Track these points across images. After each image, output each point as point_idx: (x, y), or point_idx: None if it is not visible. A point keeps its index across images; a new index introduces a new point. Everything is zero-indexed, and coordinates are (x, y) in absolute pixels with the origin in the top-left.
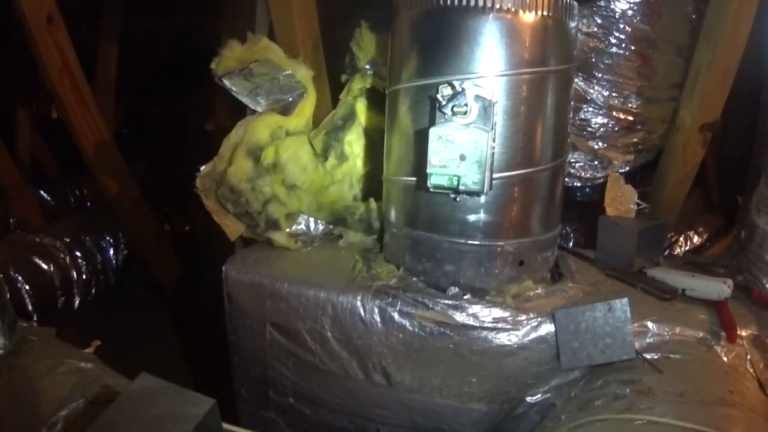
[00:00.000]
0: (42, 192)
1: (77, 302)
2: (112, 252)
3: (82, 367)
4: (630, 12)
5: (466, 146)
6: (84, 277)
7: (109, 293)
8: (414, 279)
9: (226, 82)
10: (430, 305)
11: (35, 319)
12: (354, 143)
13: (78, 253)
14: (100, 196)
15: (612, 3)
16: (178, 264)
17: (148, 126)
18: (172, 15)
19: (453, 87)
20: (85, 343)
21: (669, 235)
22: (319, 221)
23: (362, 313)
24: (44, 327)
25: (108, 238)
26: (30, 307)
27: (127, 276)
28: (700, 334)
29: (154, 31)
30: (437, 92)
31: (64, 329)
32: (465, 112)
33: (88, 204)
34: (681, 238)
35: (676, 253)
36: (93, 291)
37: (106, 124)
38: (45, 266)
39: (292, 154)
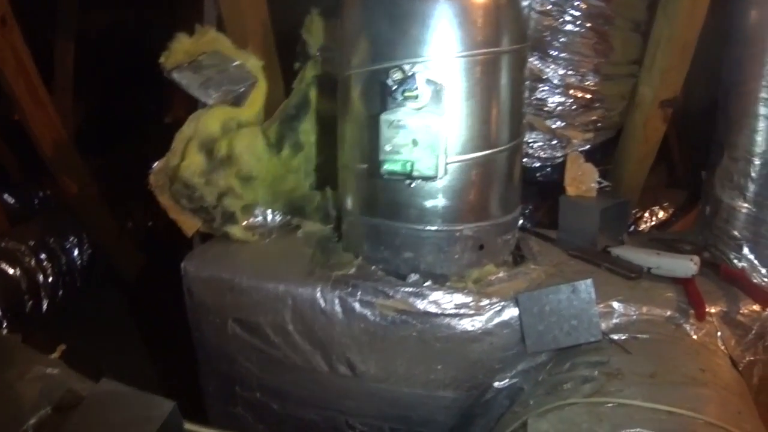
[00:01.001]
0: (5, 195)
1: (45, 305)
2: (76, 252)
3: (49, 372)
4: None
5: (418, 131)
6: (50, 279)
7: (76, 294)
8: (373, 267)
9: (176, 76)
10: (391, 294)
11: (5, 325)
12: (309, 132)
13: (43, 256)
14: (62, 196)
15: None
16: (142, 260)
17: (111, 122)
18: (129, 9)
19: (403, 71)
20: (53, 347)
21: (634, 211)
22: (276, 212)
23: (322, 305)
24: (10, 334)
25: (72, 238)
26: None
27: (93, 275)
28: (668, 313)
29: (112, 26)
30: (388, 77)
31: (34, 334)
32: (416, 97)
33: (53, 205)
34: (646, 214)
35: (641, 228)
36: (60, 293)
37: (64, 123)
38: (11, 271)
39: (246, 145)
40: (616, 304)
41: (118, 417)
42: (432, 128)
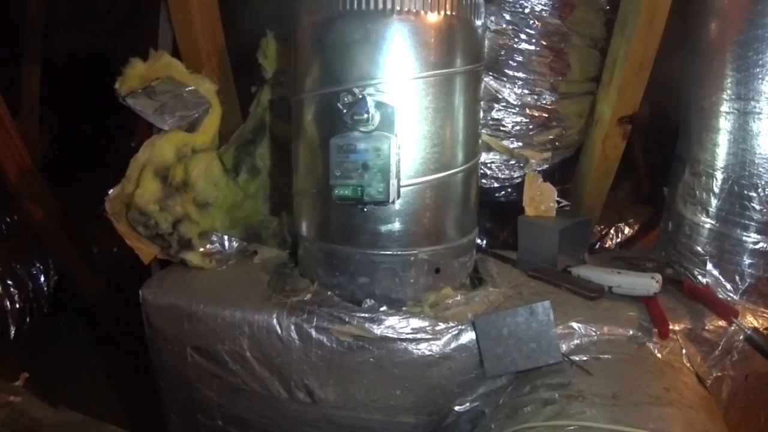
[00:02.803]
0: None
1: (13, 332)
2: (43, 278)
3: (12, 401)
4: (540, 6)
5: (368, 155)
6: (17, 306)
7: (43, 320)
8: (329, 293)
9: (130, 102)
10: (347, 319)
11: None
12: (265, 156)
13: (10, 282)
14: (26, 222)
15: None
16: (104, 286)
17: (78, 147)
18: (94, 34)
19: (353, 94)
20: (18, 375)
21: (599, 228)
22: (233, 238)
23: (279, 331)
24: None
25: (38, 264)
26: None
27: (60, 302)
28: (630, 332)
29: (79, 51)
30: (339, 100)
31: (3, 361)
32: (366, 120)
33: (19, 231)
34: (612, 231)
35: (607, 246)
36: (27, 319)
37: (30, 147)
38: None
39: (202, 171)
40: (576, 325)
41: None
42: (383, 152)
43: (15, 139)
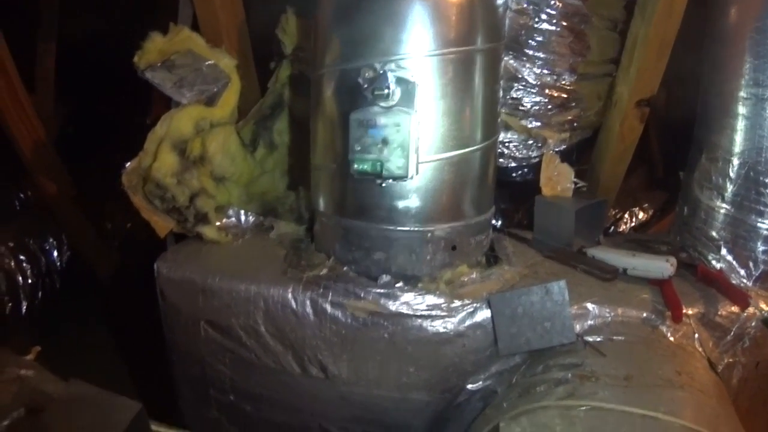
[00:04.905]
0: None
1: (24, 307)
2: (56, 254)
3: (23, 374)
4: None
5: (388, 130)
6: (30, 281)
7: (56, 296)
8: (345, 268)
9: (149, 75)
10: (362, 295)
11: None
12: (283, 132)
13: (23, 257)
14: (41, 198)
15: None
16: (120, 262)
17: (94, 124)
18: (111, 11)
19: (374, 70)
20: (30, 350)
21: (614, 212)
22: (249, 213)
23: (294, 306)
24: None
25: (51, 240)
26: None
27: (73, 277)
28: (644, 315)
29: (95, 28)
30: (359, 76)
31: (14, 336)
32: (386, 95)
33: (32, 207)
34: (626, 215)
35: (621, 230)
36: (39, 295)
37: (45, 124)
38: None
39: (219, 145)
40: (590, 306)
41: (84, 419)
42: (402, 127)
43: (31, 115)
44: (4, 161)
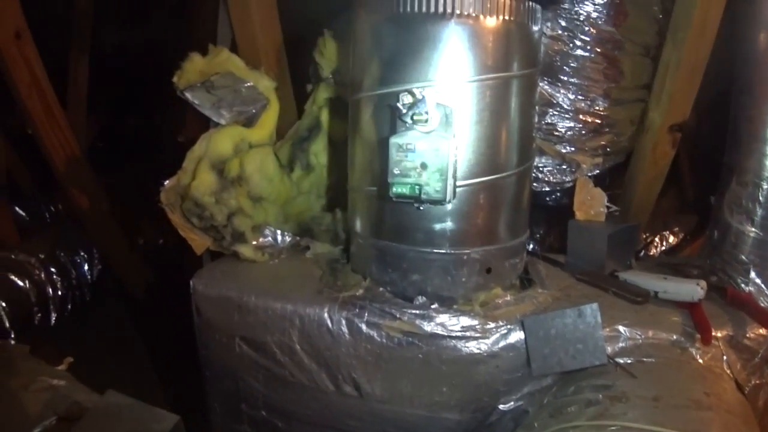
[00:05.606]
0: (17, 208)
1: (54, 318)
2: (86, 267)
3: (55, 384)
4: (595, 14)
5: (427, 154)
6: (60, 293)
7: (85, 309)
8: (381, 289)
9: (188, 95)
10: (398, 315)
11: (12, 336)
12: (320, 153)
13: (53, 269)
14: (73, 211)
15: (576, 5)
16: (151, 277)
17: (124, 139)
18: (142, 26)
19: (413, 95)
20: (61, 360)
21: (644, 236)
22: (285, 233)
23: (330, 325)
24: (19, 344)
25: (82, 253)
26: (7, 324)
27: (103, 291)
28: (674, 337)
29: (126, 43)
30: (398, 100)
31: (42, 346)
32: (425, 120)
33: (64, 220)
34: (656, 239)
35: (651, 253)
36: (69, 307)
37: (77, 138)
38: (21, 283)
39: (257, 165)
40: (622, 328)
41: (121, 429)
42: (441, 152)
43: (64, 129)
44: (36, 174)
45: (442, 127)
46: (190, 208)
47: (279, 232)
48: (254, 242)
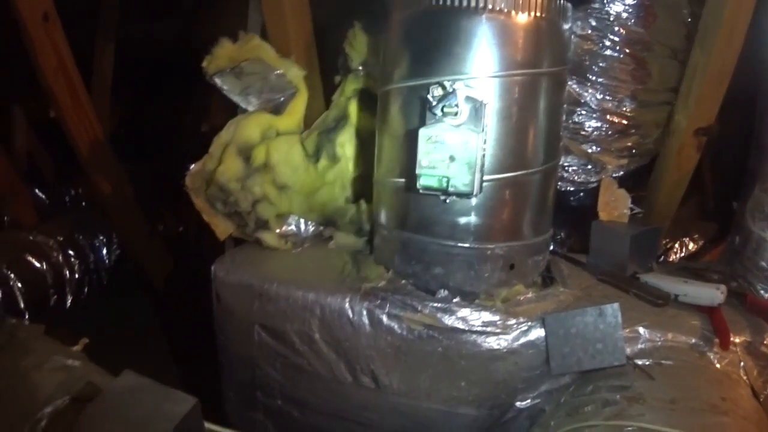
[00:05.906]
0: (37, 191)
1: (69, 301)
2: (105, 251)
3: (69, 364)
4: (625, 14)
5: (455, 147)
6: (77, 276)
7: (102, 292)
8: (403, 281)
9: (217, 81)
10: (419, 308)
11: (27, 316)
12: (346, 144)
13: (71, 252)
14: (94, 196)
15: (607, 5)
16: (170, 264)
17: (146, 127)
18: (168, 16)
19: (444, 88)
20: (76, 341)
21: (664, 242)
22: (309, 222)
23: (351, 315)
24: (33, 324)
25: (101, 237)
26: (22, 305)
27: (120, 275)
28: (693, 341)
29: (151, 32)
30: (428, 93)
31: (57, 328)
32: (455, 113)
33: (83, 204)
34: (676, 245)
35: (671, 259)
36: (85, 290)
37: (101, 123)
38: (38, 264)
39: (283, 154)
40: (641, 330)
41: (137, 409)
42: (470, 145)
43: (89, 113)
44: (57, 159)
45: (472, 121)
46: (215, 194)
47: (303, 221)
48: (278, 230)
